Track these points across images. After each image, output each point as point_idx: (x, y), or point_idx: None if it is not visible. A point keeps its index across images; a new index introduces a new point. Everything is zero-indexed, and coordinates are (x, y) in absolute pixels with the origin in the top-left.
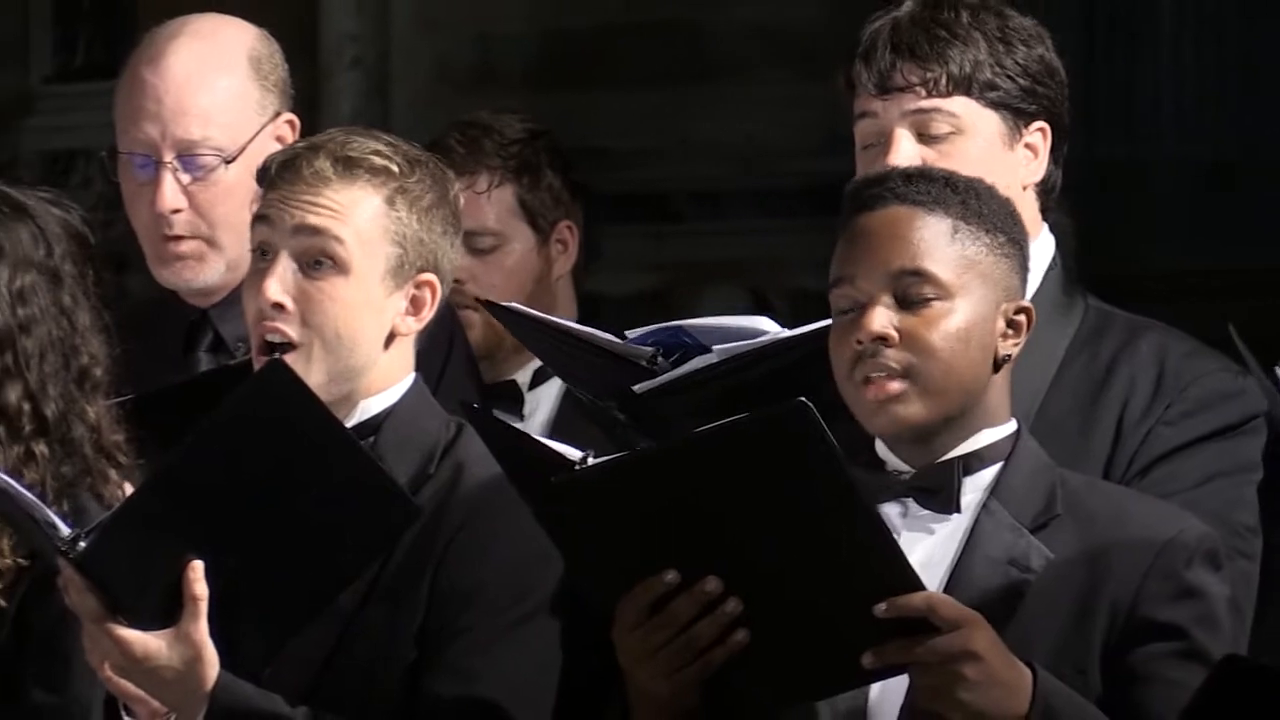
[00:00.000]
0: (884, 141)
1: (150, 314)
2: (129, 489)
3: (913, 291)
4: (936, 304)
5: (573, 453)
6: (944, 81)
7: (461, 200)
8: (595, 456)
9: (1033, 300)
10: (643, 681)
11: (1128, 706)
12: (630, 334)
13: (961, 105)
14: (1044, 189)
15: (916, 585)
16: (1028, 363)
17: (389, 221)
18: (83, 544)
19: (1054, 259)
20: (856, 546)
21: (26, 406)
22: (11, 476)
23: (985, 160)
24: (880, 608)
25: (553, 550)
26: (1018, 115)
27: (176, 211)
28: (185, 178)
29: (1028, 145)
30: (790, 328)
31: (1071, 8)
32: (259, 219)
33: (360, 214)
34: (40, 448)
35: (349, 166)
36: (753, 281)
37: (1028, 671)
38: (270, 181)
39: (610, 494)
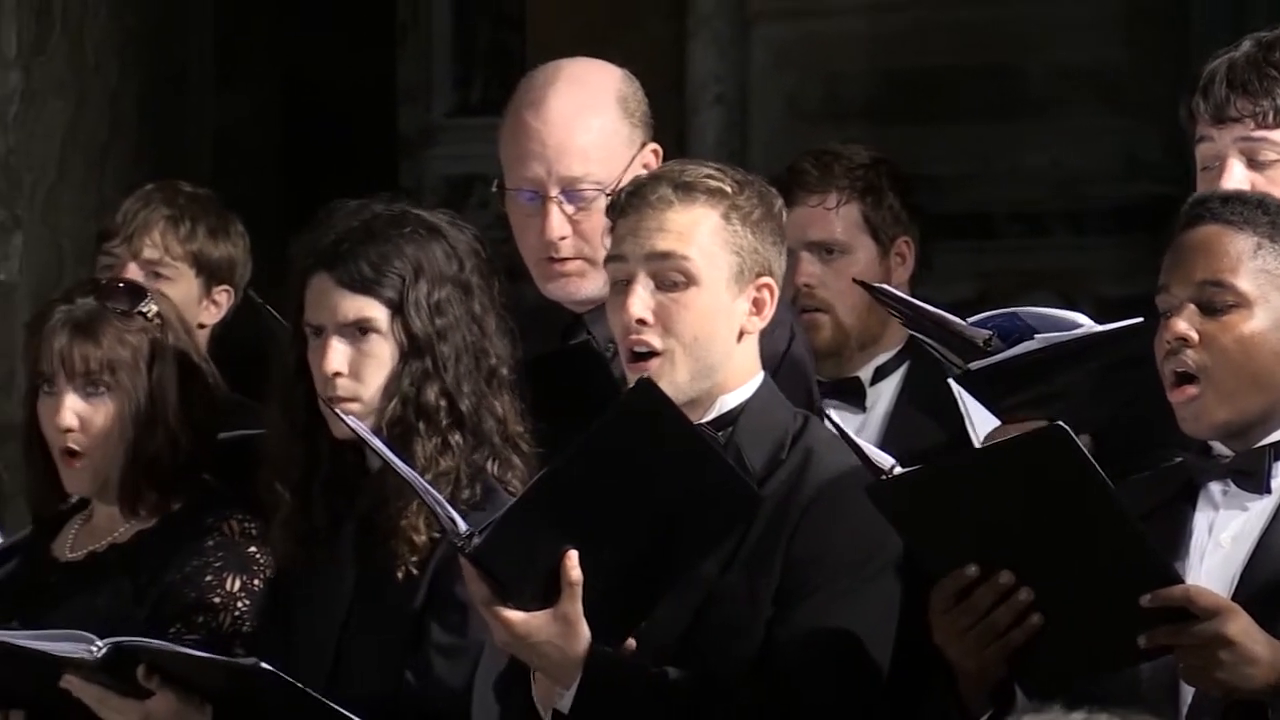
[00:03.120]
0: (1219, 165)
1: (534, 318)
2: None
3: (1215, 300)
4: (1235, 312)
5: (885, 460)
6: (1271, 115)
7: (808, 217)
8: (902, 466)
9: None
10: (954, 658)
11: None
12: (972, 318)
13: None
14: None
15: (1176, 579)
16: None
17: (727, 235)
18: (476, 540)
19: None
20: (1121, 547)
21: (444, 403)
22: (430, 463)
23: None
24: (1145, 599)
25: None
26: None
27: (563, 239)
28: (569, 208)
29: None
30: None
31: None
32: (613, 258)
33: (702, 231)
34: (455, 439)
35: (687, 190)
36: (1062, 290)
37: None
38: (621, 210)
39: (912, 500)
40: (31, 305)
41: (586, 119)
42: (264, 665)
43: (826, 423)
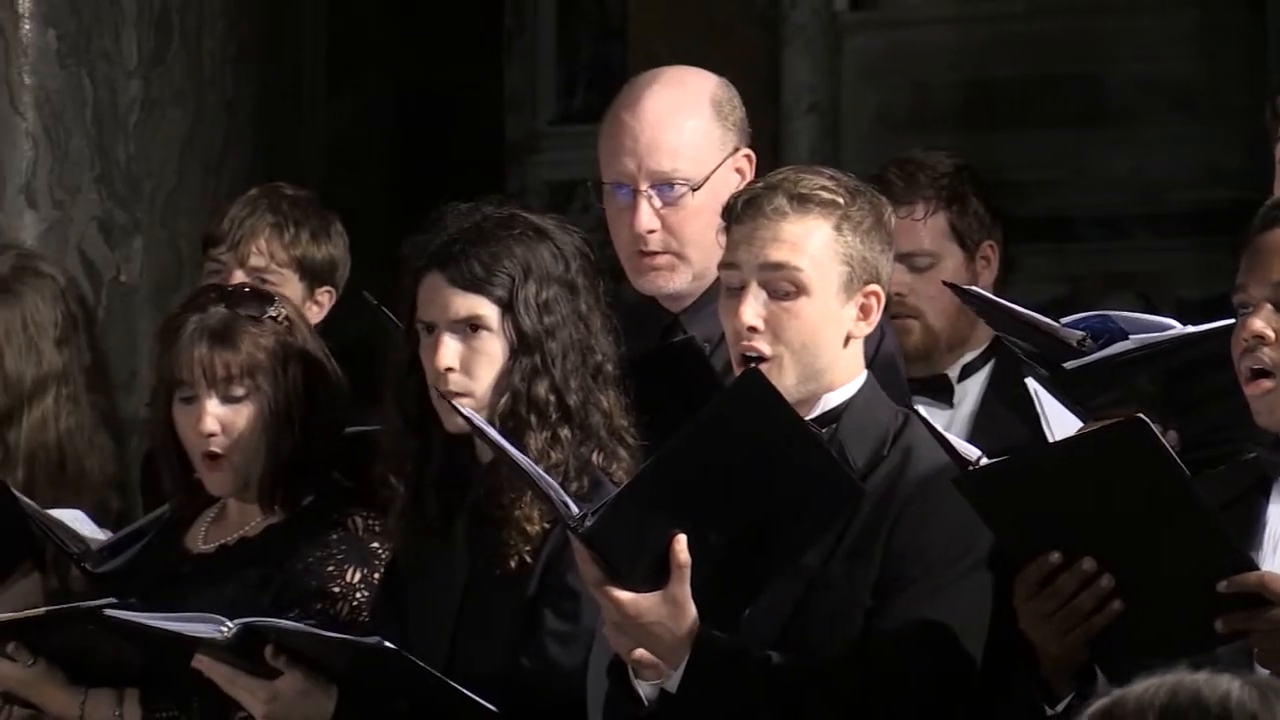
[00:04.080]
0: None
1: (634, 316)
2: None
3: None
4: None
5: (971, 453)
6: None
7: (894, 222)
8: (986, 458)
9: None
10: (1038, 642)
11: None
12: (1064, 320)
13: None
14: None
15: (1251, 566)
16: None
17: (838, 245)
18: (588, 522)
19: None
20: (1199, 534)
21: (553, 399)
22: (541, 456)
23: None
24: (1222, 585)
25: None
26: None
27: (651, 232)
28: (658, 203)
29: None
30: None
31: None
32: (727, 265)
33: (814, 242)
34: (564, 433)
35: (802, 202)
36: (1142, 291)
37: None
38: (736, 217)
39: (997, 491)
40: (150, 306)
41: (679, 119)
42: (387, 644)
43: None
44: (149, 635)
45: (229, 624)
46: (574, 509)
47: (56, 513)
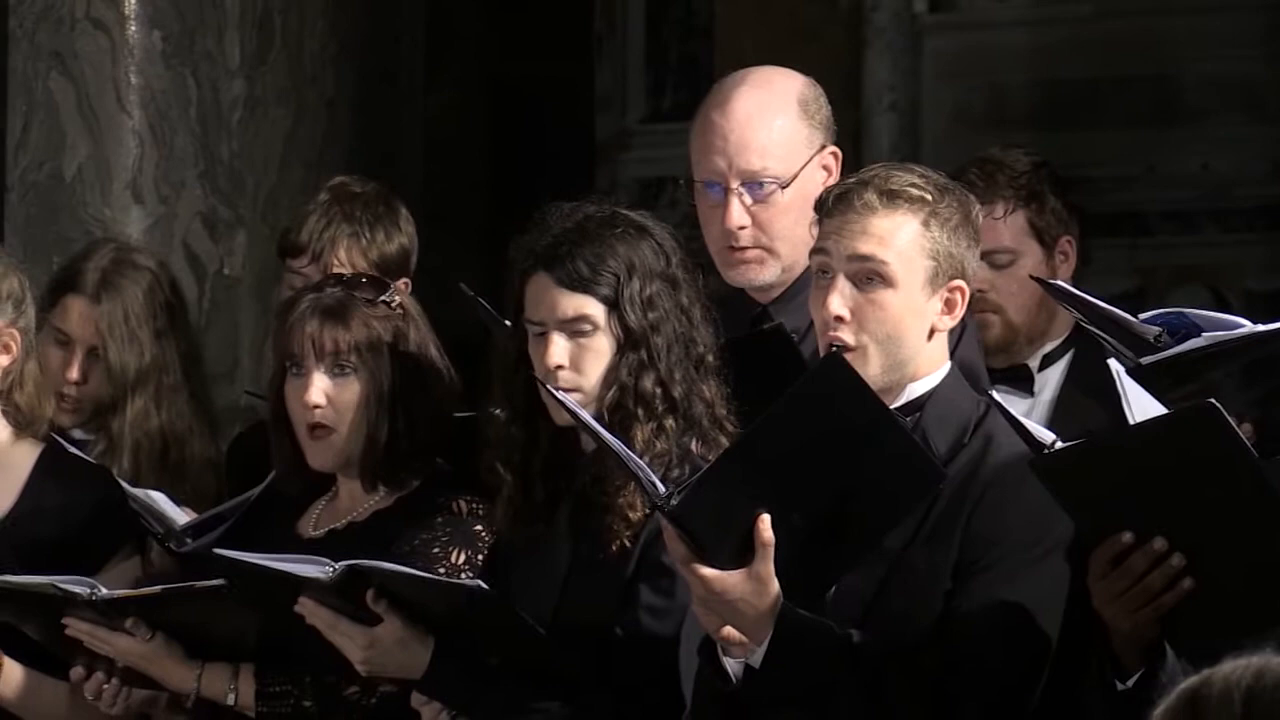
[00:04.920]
0: None
1: (723, 307)
2: None
3: None
4: None
5: (1046, 436)
6: None
7: (981, 220)
8: (1061, 441)
9: None
10: (1110, 619)
11: None
12: (1141, 315)
13: None
14: None
15: None
16: None
17: (925, 240)
18: (674, 501)
19: None
20: (1267, 517)
21: (658, 391)
22: (647, 446)
23: None
24: None
25: None
26: None
27: (742, 228)
28: (748, 200)
29: None
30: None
31: None
32: (818, 250)
33: (902, 236)
34: (669, 423)
35: (891, 198)
36: (1210, 284)
37: None
38: (827, 211)
39: (1071, 472)
40: (252, 299)
41: (768, 118)
42: (484, 587)
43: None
44: (257, 575)
45: (334, 565)
46: (661, 488)
47: (142, 493)
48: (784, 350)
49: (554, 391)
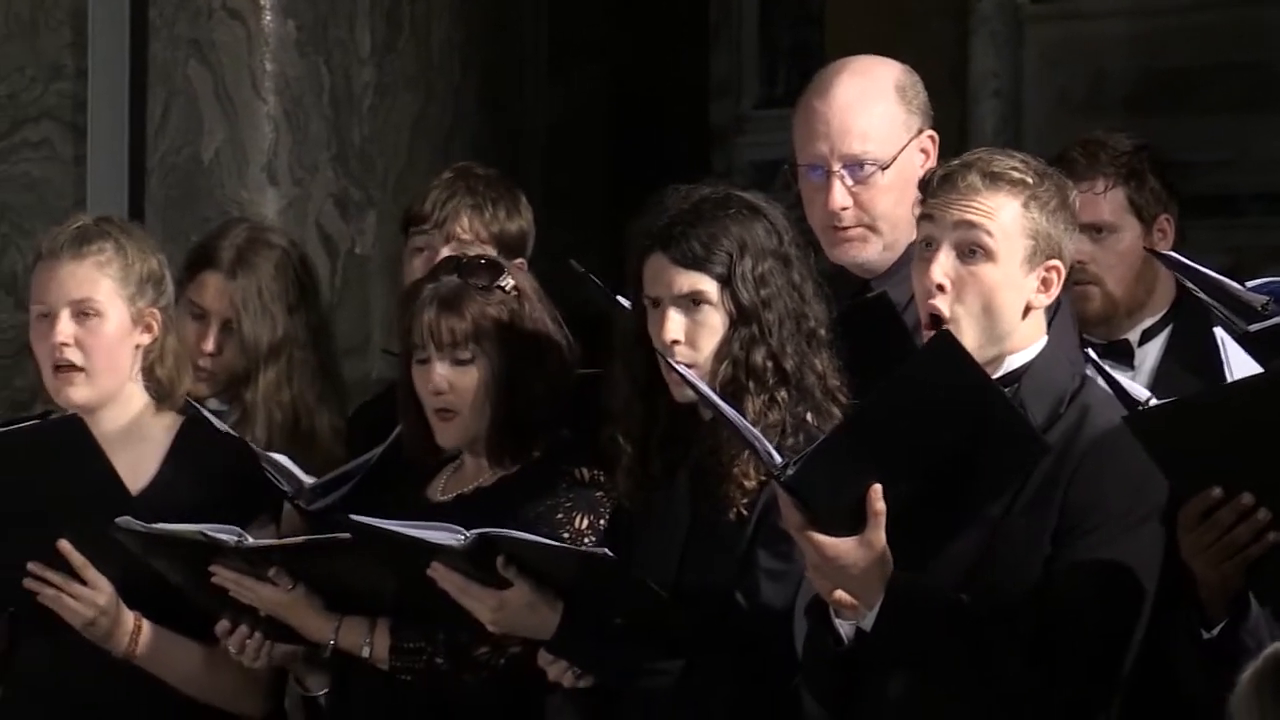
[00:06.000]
0: None
1: (830, 286)
2: None
3: None
4: None
5: (1140, 393)
6: None
7: (1078, 202)
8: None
9: None
10: (1198, 570)
11: None
12: (1249, 284)
13: None
14: None
15: None
16: None
17: (1025, 221)
18: (790, 470)
19: None
20: None
21: (770, 364)
22: (760, 417)
23: None
24: None
25: None
26: None
27: (845, 209)
28: (850, 182)
29: None
30: None
31: None
32: (924, 218)
33: (1003, 215)
34: (781, 395)
35: (994, 180)
36: None
37: None
38: (932, 191)
39: (1164, 429)
40: (382, 276)
41: (867, 104)
42: (610, 554)
43: (1088, 363)
44: (392, 541)
45: (465, 533)
46: (777, 458)
47: (273, 456)
48: (887, 317)
49: (675, 364)
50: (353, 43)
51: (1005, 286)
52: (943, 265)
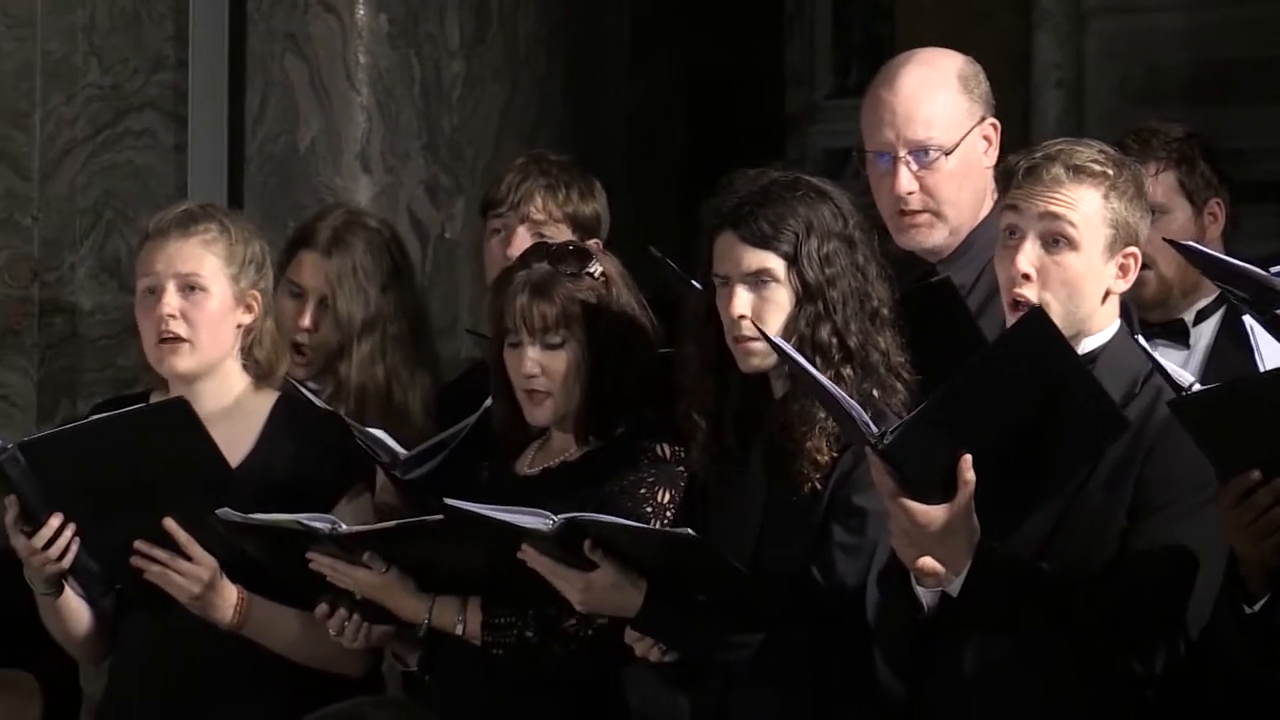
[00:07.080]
0: None
1: (896, 269)
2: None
3: None
4: None
5: (1185, 378)
6: None
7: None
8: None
9: None
10: (1238, 548)
11: None
12: (1273, 269)
13: None
14: None
15: None
16: None
17: (1106, 211)
18: (887, 440)
19: None
20: None
21: (834, 340)
22: None
23: None
24: None
25: None
26: None
27: (911, 193)
28: (915, 167)
29: None
30: None
31: None
32: (1009, 208)
33: (1086, 205)
34: (846, 371)
35: (1077, 172)
36: None
37: None
38: (1016, 182)
39: (1207, 414)
40: (471, 261)
41: (931, 93)
42: (692, 534)
43: (1137, 345)
44: (483, 525)
45: (553, 518)
46: (873, 428)
47: (369, 429)
48: (951, 300)
49: (773, 339)
50: (442, 36)
51: (1088, 274)
52: (1028, 255)
